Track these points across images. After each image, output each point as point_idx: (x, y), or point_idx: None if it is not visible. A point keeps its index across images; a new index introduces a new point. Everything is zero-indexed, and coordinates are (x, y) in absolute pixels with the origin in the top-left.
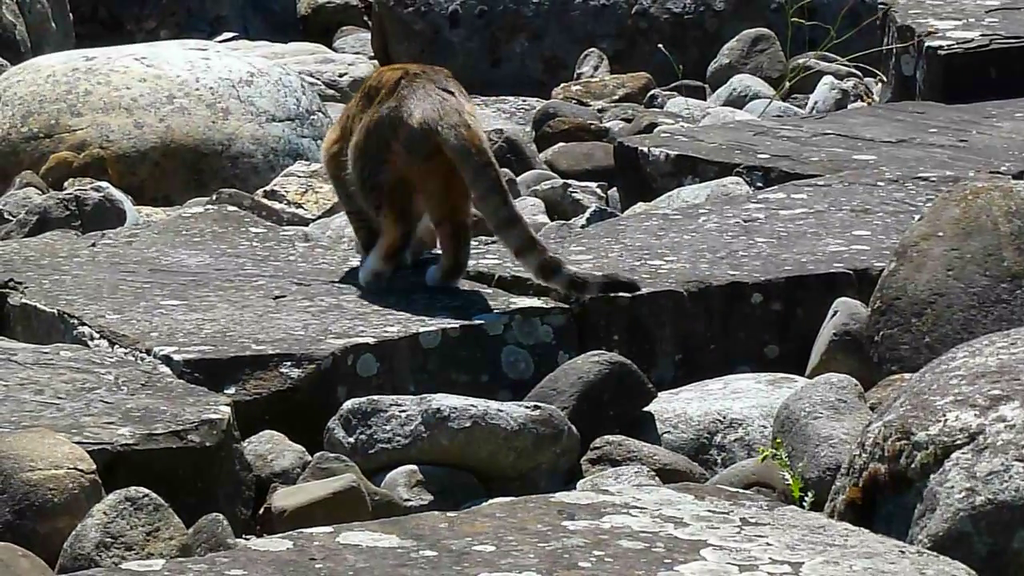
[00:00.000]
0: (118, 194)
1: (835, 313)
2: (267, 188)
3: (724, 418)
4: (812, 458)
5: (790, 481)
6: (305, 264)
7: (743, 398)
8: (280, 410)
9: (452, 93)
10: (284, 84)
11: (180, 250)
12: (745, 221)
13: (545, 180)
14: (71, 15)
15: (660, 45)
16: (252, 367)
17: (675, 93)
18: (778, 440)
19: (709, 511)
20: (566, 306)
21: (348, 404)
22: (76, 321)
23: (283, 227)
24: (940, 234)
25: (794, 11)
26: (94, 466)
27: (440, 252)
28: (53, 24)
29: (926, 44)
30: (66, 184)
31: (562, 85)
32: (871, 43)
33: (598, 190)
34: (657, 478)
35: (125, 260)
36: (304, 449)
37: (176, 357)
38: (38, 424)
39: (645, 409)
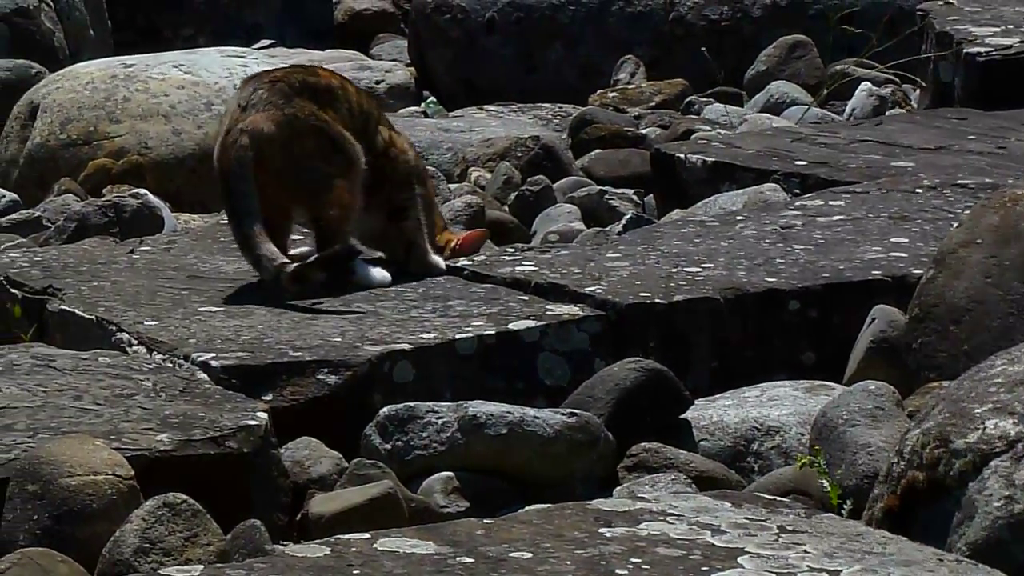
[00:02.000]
0: (156, 201)
1: (873, 320)
2: None
3: (761, 425)
4: (850, 466)
5: (828, 488)
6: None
7: (780, 405)
8: (317, 416)
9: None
10: None
11: (218, 256)
12: (782, 228)
13: (581, 187)
14: (109, 22)
15: (703, 49)
16: (289, 373)
17: (712, 100)
18: (816, 447)
19: (746, 519)
20: (603, 313)
21: (385, 410)
22: (114, 327)
23: None
24: (978, 241)
25: (836, 18)
26: (132, 472)
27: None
28: (91, 31)
29: (965, 51)
30: (104, 191)
31: (598, 92)
32: (909, 50)
33: (634, 197)
34: (694, 485)
35: (163, 267)
36: (341, 455)
37: (214, 363)
38: (77, 430)
39: (682, 416)
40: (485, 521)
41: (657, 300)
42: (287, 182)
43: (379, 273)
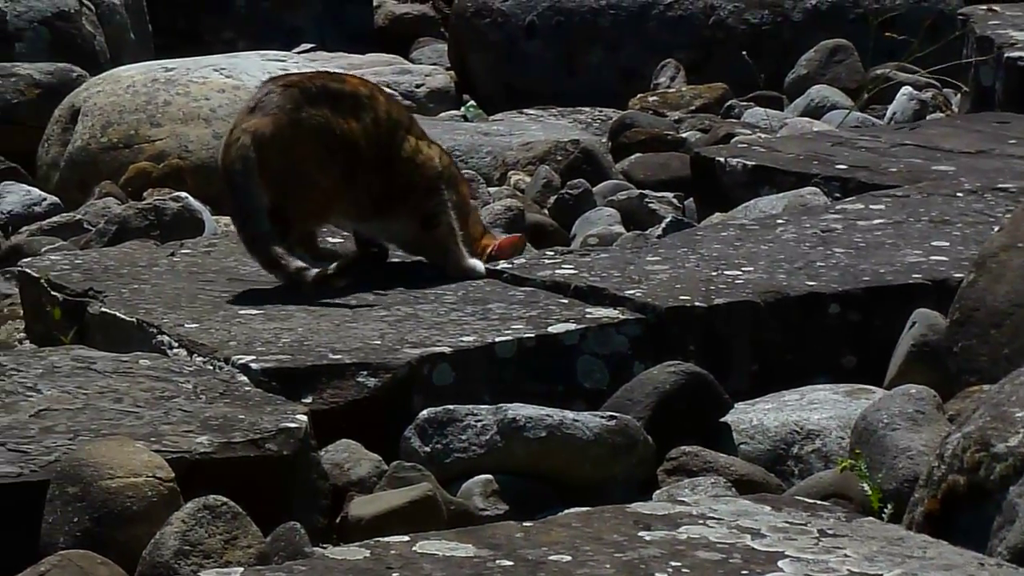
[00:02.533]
0: (196, 204)
1: (913, 324)
2: None
3: (801, 429)
4: (890, 469)
5: (869, 492)
6: (382, 274)
7: (820, 409)
8: (357, 419)
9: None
10: None
11: None
12: (823, 231)
13: (621, 190)
14: (150, 26)
15: (744, 53)
16: (329, 376)
17: (752, 103)
18: (856, 451)
19: (786, 522)
20: (642, 316)
21: (424, 413)
22: (155, 330)
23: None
24: (1019, 245)
25: (877, 22)
26: (172, 474)
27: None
28: (132, 35)
29: (1005, 55)
30: (145, 194)
31: (638, 95)
32: (949, 54)
33: (674, 200)
34: (733, 489)
35: (203, 269)
36: (380, 458)
37: (254, 366)
38: (117, 432)
39: (721, 420)
40: (524, 524)
41: (697, 303)
42: (278, 182)
43: None
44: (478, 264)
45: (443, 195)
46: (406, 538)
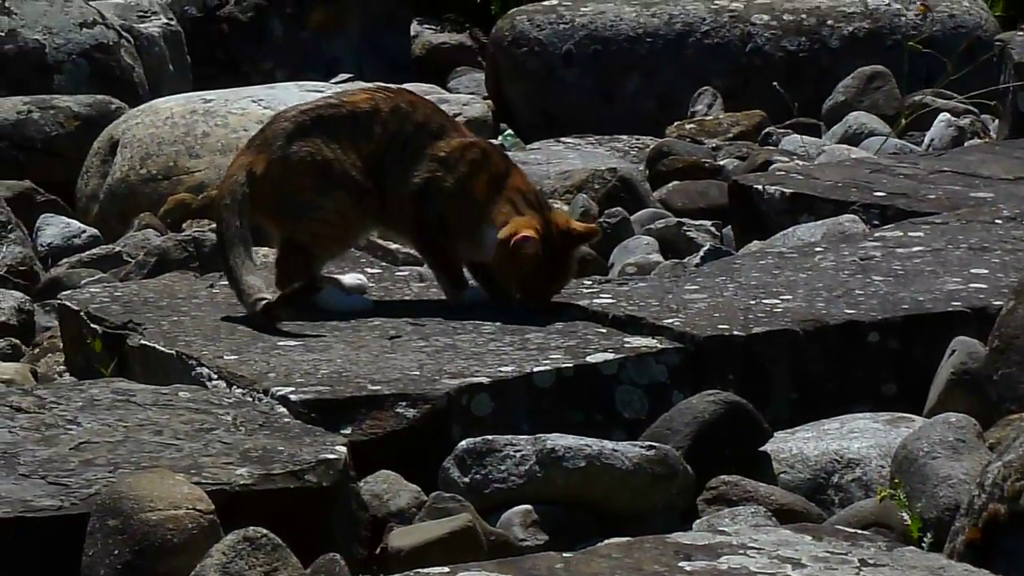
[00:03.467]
0: None
1: (953, 352)
2: None
3: (841, 458)
4: (931, 498)
5: (909, 521)
6: (420, 304)
7: (860, 438)
8: (396, 450)
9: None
10: None
11: None
12: (861, 259)
13: (659, 219)
14: (188, 57)
15: (775, 83)
16: (368, 407)
17: (790, 131)
18: (896, 480)
19: (827, 552)
20: (681, 345)
21: (463, 444)
22: (194, 362)
23: (398, 267)
24: None
25: (910, 45)
26: (212, 506)
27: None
28: (171, 66)
29: None
30: (184, 225)
31: (676, 123)
32: (987, 80)
33: (712, 228)
34: (774, 518)
35: None
36: (420, 489)
37: (293, 397)
38: (157, 464)
39: (761, 449)
40: (564, 555)
41: (736, 332)
42: (276, 212)
43: (349, 301)
44: (463, 295)
45: (433, 200)
46: (446, 569)
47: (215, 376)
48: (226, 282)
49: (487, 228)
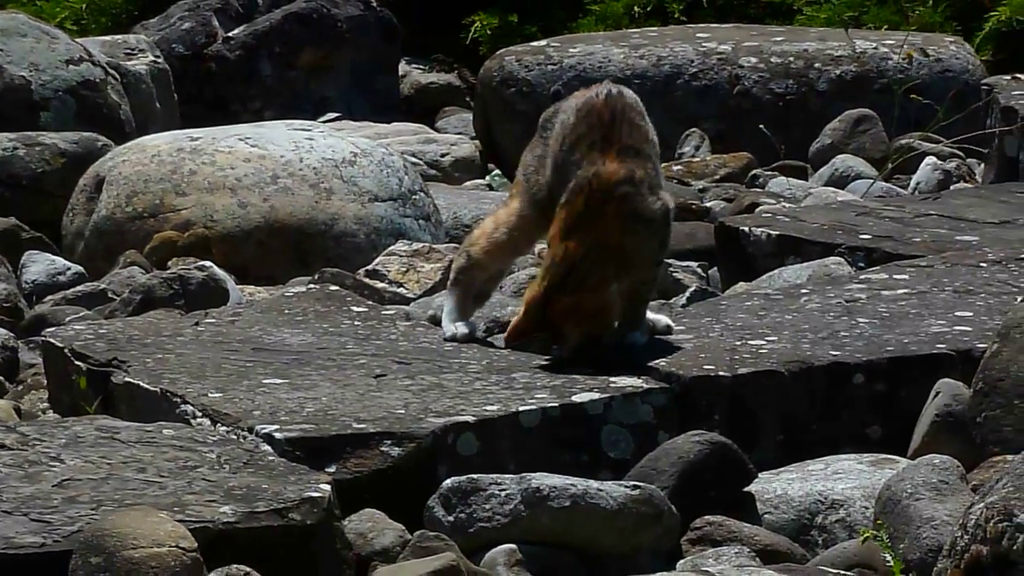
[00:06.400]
0: (221, 273)
1: (937, 394)
2: (369, 267)
3: (826, 499)
4: (914, 539)
5: (892, 564)
6: (406, 343)
7: (845, 479)
8: (381, 488)
9: None
10: (387, 164)
11: (283, 329)
12: (847, 301)
13: None
14: (176, 95)
15: (761, 126)
16: (353, 446)
17: (777, 173)
18: (879, 521)
19: None
20: (667, 386)
21: (448, 483)
22: (179, 399)
23: (384, 306)
24: None
25: (901, 90)
26: (196, 544)
27: None
28: (158, 104)
29: None
30: (170, 263)
31: (663, 165)
32: (973, 124)
33: (699, 270)
34: (758, 559)
35: (228, 339)
36: (404, 528)
37: (278, 435)
38: (141, 502)
39: (746, 489)
40: None
41: (722, 373)
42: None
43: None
44: (446, 329)
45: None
46: None
47: (200, 414)
48: (212, 320)
49: None
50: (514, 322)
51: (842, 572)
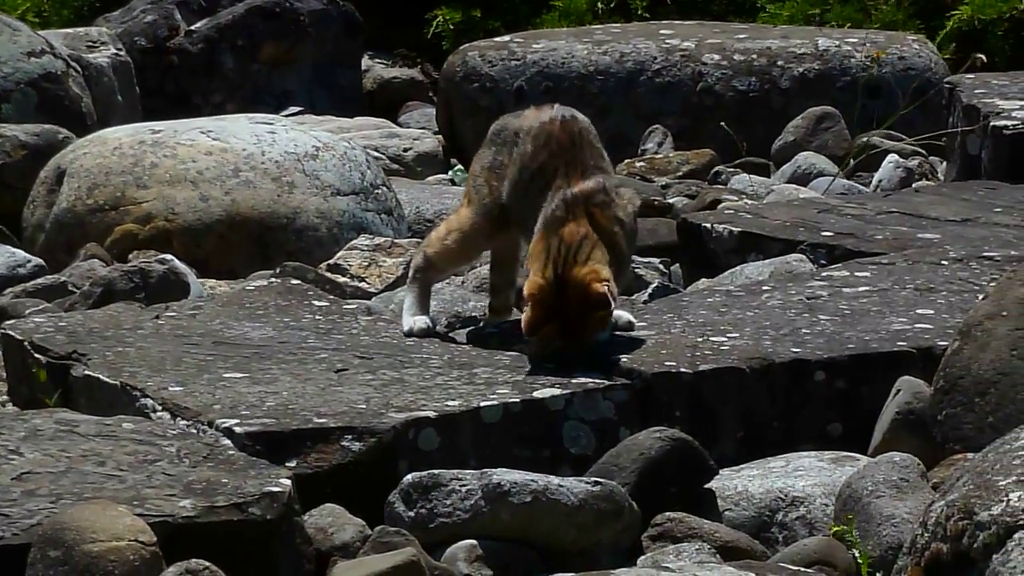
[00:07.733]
0: (182, 267)
1: (898, 392)
2: (331, 262)
3: (786, 496)
4: (874, 537)
5: (859, 558)
6: (367, 338)
7: (805, 476)
8: (341, 483)
9: None
10: (349, 158)
11: (244, 323)
12: (809, 298)
13: None
14: (138, 88)
15: (723, 123)
16: (314, 440)
17: (739, 170)
18: (849, 516)
19: None
20: (628, 382)
21: (409, 478)
22: (139, 393)
23: (346, 301)
24: (1004, 314)
25: (863, 88)
26: (155, 538)
27: None
28: (120, 97)
29: (992, 124)
30: (131, 256)
31: (626, 161)
32: (936, 122)
33: (661, 266)
34: (718, 556)
35: (189, 332)
36: (364, 523)
37: (238, 430)
38: (100, 496)
39: (707, 486)
40: None
41: (683, 369)
42: None
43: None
44: (405, 324)
45: None
46: None
47: (160, 407)
48: (172, 313)
49: None
50: (525, 317)
51: (802, 569)
